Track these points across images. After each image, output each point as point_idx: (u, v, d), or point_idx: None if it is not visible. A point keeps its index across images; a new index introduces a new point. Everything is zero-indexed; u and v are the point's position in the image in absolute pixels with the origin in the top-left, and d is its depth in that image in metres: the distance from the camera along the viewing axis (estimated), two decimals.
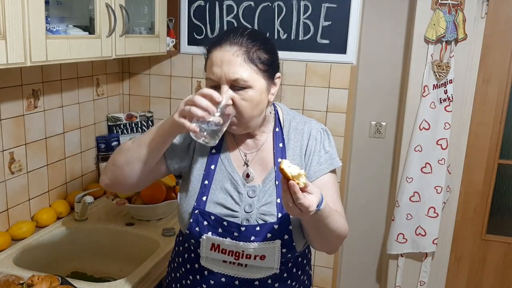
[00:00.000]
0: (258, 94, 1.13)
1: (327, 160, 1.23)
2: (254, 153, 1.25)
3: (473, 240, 2.44)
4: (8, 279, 1.36)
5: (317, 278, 2.40)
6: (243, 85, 1.10)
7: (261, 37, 1.16)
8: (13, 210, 1.71)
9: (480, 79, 2.24)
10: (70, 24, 1.59)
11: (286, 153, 1.23)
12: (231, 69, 1.10)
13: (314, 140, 1.24)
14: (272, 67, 1.16)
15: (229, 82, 1.10)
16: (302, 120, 1.28)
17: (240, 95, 1.11)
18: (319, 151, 1.24)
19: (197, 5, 2.23)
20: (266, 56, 1.14)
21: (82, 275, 1.75)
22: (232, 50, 1.11)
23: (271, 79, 1.17)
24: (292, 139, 1.25)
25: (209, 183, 1.22)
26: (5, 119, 1.64)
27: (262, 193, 1.21)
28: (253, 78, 1.11)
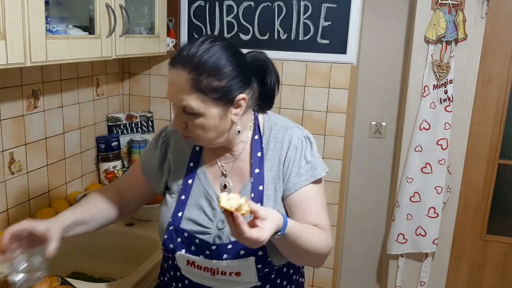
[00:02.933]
0: (211, 121, 1.06)
1: (308, 171, 1.16)
2: (231, 163, 1.19)
3: (473, 240, 2.44)
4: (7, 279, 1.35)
5: (317, 278, 2.40)
6: (192, 112, 1.05)
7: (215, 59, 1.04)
8: (13, 210, 1.71)
9: (480, 79, 2.24)
10: (70, 24, 1.59)
11: (264, 163, 1.16)
12: (178, 95, 1.04)
13: (294, 150, 1.16)
14: (227, 93, 1.05)
15: (180, 107, 1.06)
16: (284, 128, 1.19)
17: (191, 120, 1.06)
18: (299, 161, 1.16)
19: (197, 5, 2.23)
20: (218, 84, 1.03)
21: (82, 275, 1.75)
22: (181, 74, 1.03)
23: (229, 103, 1.07)
24: (271, 148, 1.17)
25: (185, 198, 1.18)
26: (5, 119, 1.63)
27: None
28: (202, 107, 1.04)
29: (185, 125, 1.08)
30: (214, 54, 1.04)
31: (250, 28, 2.20)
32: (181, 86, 1.03)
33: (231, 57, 1.06)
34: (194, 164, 1.20)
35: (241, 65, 1.08)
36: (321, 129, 2.23)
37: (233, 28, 2.22)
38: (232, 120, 1.09)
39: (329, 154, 2.25)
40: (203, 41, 1.05)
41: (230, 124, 1.10)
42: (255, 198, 1.14)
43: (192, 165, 1.20)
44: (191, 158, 1.21)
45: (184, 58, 1.04)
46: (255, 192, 1.14)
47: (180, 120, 1.08)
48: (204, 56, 1.03)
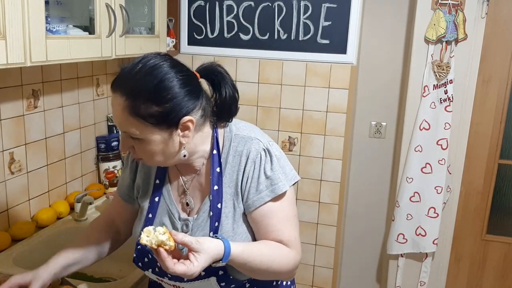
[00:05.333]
0: (155, 146, 1.02)
1: (267, 187, 1.08)
2: (192, 179, 1.15)
3: (473, 240, 2.44)
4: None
5: (317, 278, 2.40)
6: (135, 137, 1.01)
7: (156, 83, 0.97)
8: (13, 210, 1.71)
9: (480, 79, 2.24)
10: (70, 24, 1.59)
11: (223, 179, 1.10)
12: (119, 121, 1.01)
13: (253, 164, 1.09)
14: (169, 117, 0.99)
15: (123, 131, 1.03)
16: (243, 139, 1.11)
17: (136, 144, 1.03)
18: (258, 177, 1.08)
19: (197, 5, 2.23)
20: (157, 109, 0.97)
21: (82, 275, 1.75)
22: (119, 100, 0.98)
23: (173, 126, 1.01)
24: (230, 162, 1.10)
25: (152, 216, 1.16)
26: (5, 119, 1.63)
27: (195, 227, 1.12)
28: (144, 133, 1.00)
29: (133, 148, 1.05)
30: (155, 76, 0.98)
31: (250, 28, 2.20)
32: (120, 111, 0.99)
33: (174, 78, 0.99)
34: (160, 181, 1.18)
35: (186, 85, 1.01)
36: (321, 129, 2.23)
37: (233, 28, 2.22)
38: (180, 142, 1.04)
39: (329, 154, 2.25)
40: (145, 62, 1.00)
41: (179, 146, 1.05)
42: (213, 216, 1.10)
43: (158, 182, 1.17)
44: (156, 174, 1.18)
45: (122, 82, 0.99)
46: (214, 210, 1.10)
47: (126, 144, 1.05)
48: (143, 79, 0.98)
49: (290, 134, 2.29)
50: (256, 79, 2.26)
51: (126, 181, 1.25)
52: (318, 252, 2.38)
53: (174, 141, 1.03)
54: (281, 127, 2.29)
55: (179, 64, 1.04)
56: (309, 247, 2.39)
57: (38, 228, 1.77)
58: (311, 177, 2.30)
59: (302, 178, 2.32)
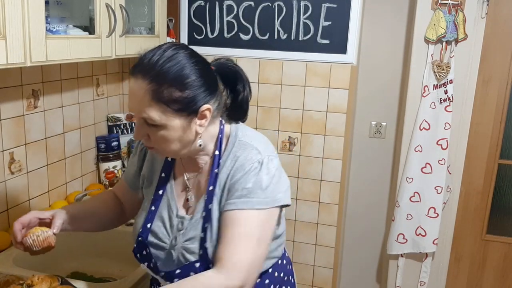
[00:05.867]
0: (173, 133, 1.02)
1: (240, 197, 1.04)
2: (194, 177, 1.16)
3: (473, 240, 2.44)
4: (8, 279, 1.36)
5: (317, 278, 2.41)
6: (153, 124, 1.01)
7: (178, 69, 0.99)
8: (13, 210, 1.71)
9: (480, 79, 2.24)
10: (70, 24, 1.59)
11: (217, 180, 1.09)
12: (137, 106, 1.00)
13: (242, 171, 1.06)
14: (190, 104, 1.01)
15: (140, 118, 1.02)
16: (244, 146, 1.10)
17: (152, 131, 1.02)
18: (238, 184, 1.05)
19: (197, 5, 2.23)
20: (180, 94, 0.99)
21: (82, 275, 1.75)
22: (141, 84, 0.98)
23: (193, 114, 1.02)
24: (226, 166, 1.09)
25: (155, 209, 1.17)
26: (5, 119, 1.64)
27: (189, 226, 1.11)
28: (164, 118, 1.00)
29: (147, 137, 1.04)
30: (177, 63, 1.00)
31: (250, 28, 2.20)
32: (141, 96, 0.99)
33: (194, 66, 1.02)
34: (166, 175, 1.18)
35: (205, 74, 1.03)
36: (321, 129, 2.23)
37: (233, 28, 2.22)
38: (197, 131, 1.05)
39: (329, 154, 2.25)
40: (166, 49, 1.01)
41: (195, 135, 1.06)
42: (205, 217, 1.09)
43: (164, 175, 1.18)
44: (163, 168, 1.18)
45: (144, 67, 0.99)
46: (206, 210, 1.09)
47: (141, 132, 1.04)
48: (166, 65, 0.99)
49: (290, 134, 2.29)
50: (256, 79, 2.26)
51: (133, 169, 1.26)
52: (318, 252, 2.38)
53: (192, 129, 1.04)
54: (281, 127, 2.29)
55: (197, 54, 1.07)
56: (309, 247, 2.39)
57: None
58: (311, 177, 2.30)
59: (302, 178, 2.32)
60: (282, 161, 2.30)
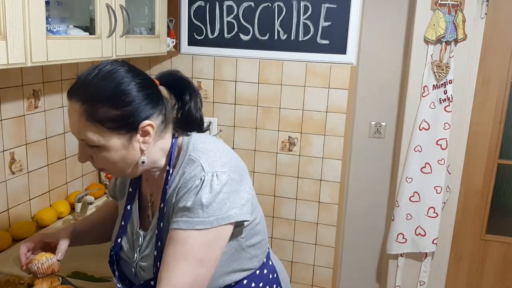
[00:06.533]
0: (114, 153, 0.99)
1: (182, 216, 0.98)
2: (155, 192, 1.13)
3: (473, 240, 2.44)
4: (8, 279, 1.36)
5: (317, 278, 2.41)
6: (93, 145, 0.98)
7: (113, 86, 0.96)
8: (13, 210, 1.72)
9: (480, 79, 2.25)
10: (70, 25, 1.59)
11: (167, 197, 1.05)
12: (75, 128, 0.98)
13: (185, 188, 1.00)
14: (128, 121, 0.97)
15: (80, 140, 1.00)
16: (190, 161, 1.03)
17: (95, 152, 1.00)
18: (180, 202, 1.00)
19: (197, 6, 2.24)
20: (115, 112, 0.95)
21: (82, 275, 1.75)
22: (75, 106, 0.96)
23: (133, 131, 0.98)
24: (175, 182, 1.04)
25: (124, 224, 1.16)
26: (6, 119, 1.64)
27: (145, 243, 1.10)
28: (102, 139, 0.97)
29: (91, 158, 1.02)
30: (112, 80, 0.96)
31: (250, 29, 2.20)
32: (77, 118, 0.96)
33: (131, 81, 0.98)
34: (133, 190, 1.17)
35: (144, 89, 0.99)
36: (321, 129, 2.24)
37: (233, 28, 2.22)
38: (141, 148, 1.01)
39: (329, 154, 2.25)
40: (102, 67, 0.98)
41: (140, 153, 1.02)
42: (158, 235, 1.06)
43: (131, 190, 1.17)
44: (130, 183, 1.18)
45: (78, 88, 0.97)
46: (158, 229, 1.06)
47: (84, 154, 1.02)
48: (100, 83, 0.96)
49: (290, 134, 2.29)
50: (256, 79, 2.27)
51: (113, 181, 1.28)
52: (318, 252, 2.38)
53: (134, 147, 1.00)
54: (281, 127, 2.29)
55: (136, 70, 1.02)
56: (309, 247, 2.39)
57: (39, 228, 1.77)
58: (311, 177, 2.31)
59: (302, 178, 2.32)
60: (282, 161, 2.31)
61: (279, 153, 2.32)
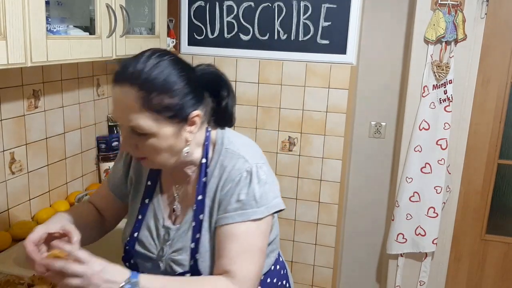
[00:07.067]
0: (163, 141, 0.98)
1: (236, 210, 1.02)
2: (182, 187, 1.13)
3: (473, 240, 2.44)
4: (8, 279, 1.36)
5: (317, 278, 2.41)
6: (143, 132, 0.97)
7: (166, 76, 0.96)
8: (13, 210, 1.72)
9: (480, 79, 2.25)
10: (70, 25, 1.59)
11: (207, 190, 1.07)
12: (125, 115, 0.96)
13: (231, 182, 1.04)
14: (181, 110, 0.98)
15: (127, 127, 0.98)
16: (231, 155, 1.07)
17: (142, 141, 0.98)
18: (231, 197, 1.03)
19: (197, 6, 2.24)
20: (170, 101, 0.96)
21: None
22: (128, 91, 0.94)
23: (183, 121, 1.00)
24: (215, 176, 1.07)
25: (142, 218, 1.15)
26: (6, 119, 1.64)
27: (176, 237, 1.10)
28: (154, 126, 0.96)
29: (135, 147, 1.00)
30: (163, 69, 0.97)
31: (250, 29, 2.20)
32: (129, 105, 0.95)
33: (181, 72, 0.99)
34: (152, 183, 1.16)
35: (193, 80, 1.01)
36: (321, 129, 2.24)
37: (233, 28, 2.23)
38: (186, 138, 1.02)
39: (329, 154, 2.25)
40: (149, 56, 0.98)
41: (185, 143, 1.03)
42: (195, 227, 1.07)
43: (150, 183, 1.16)
44: (149, 176, 1.16)
45: (131, 75, 0.95)
46: (196, 220, 1.07)
47: (129, 142, 1.00)
48: (153, 72, 0.95)
49: (290, 134, 2.29)
50: (256, 79, 2.27)
51: (119, 175, 1.23)
52: (318, 251, 2.38)
53: (182, 137, 1.01)
54: (281, 127, 2.29)
55: (182, 61, 1.04)
56: (309, 247, 2.40)
57: None
58: (311, 177, 2.31)
59: (302, 178, 2.33)
60: (282, 161, 2.31)
61: (279, 153, 2.32)
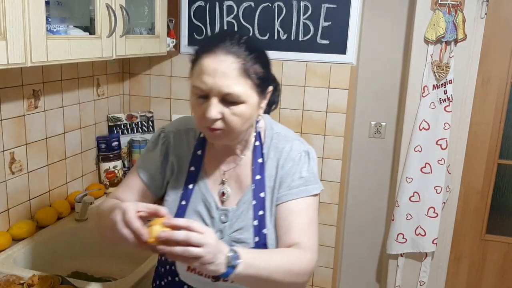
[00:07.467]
0: (250, 110, 1.04)
1: (299, 186, 1.12)
2: (231, 170, 1.17)
3: (473, 240, 2.44)
4: (8, 279, 1.36)
5: (317, 278, 2.41)
6: (235, 100, 1.01)
7: (258, 49, 1.06)
8: (13, 210, 1.72)
9: (480, 79, 2.25)
10: (70, 25, 1.59)
11: (264, 170, 1.14)
12: (225, 82, 1.00)
13: (292, 162, 1.14)
14: (266, 83, 1.08)
15: (220, 95, 1.01)
16: (285, 138, 1.17)
17: (230, 109, 1.02)
18: (293, 175, 1.13)
19: (197, 6, 2.24)
20: (262, 70, 1.05)
21: (82, 275, 1.76)
22: (228, 60, 1.00)
23: (264, 93, 1.09)
24: (271, 157, 1.15)
25: (185, 203, 1.16)
26: (6, 119, 1.64)
27: (235, 218, 1.13)
28: (247, 94, 1.02)
29: (221, 115, 1.03)
30: (257, 43, 1.07)
31: (250, 29, 2.20)
32: (228, 72, 1.00)
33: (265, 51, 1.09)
34: (195, 168, 1.17)
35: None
36: (321, 129, 2.24)
37: (233, 28, 2.22)
38: (259, 113, 1.10)
39: (329, 154, 2.25)
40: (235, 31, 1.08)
41: (256, 117, 1.11)
42: (257, 205, 1.12)
43: (193, 169, 1.17)
44: (191, 161, 1.18)
45: (230, 45, 1.02)
46: (257, 199, 1.13)
47: (217, 110, 1.02)
48: (253, 44, 1.05)
49: None
50: None
51: (155, 162, 1.20)
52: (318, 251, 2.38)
53: (259, 110, 1.09)
54: None
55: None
56: None
57: (39, 228, 1.77)
58: None
59: None
60: None
61: None
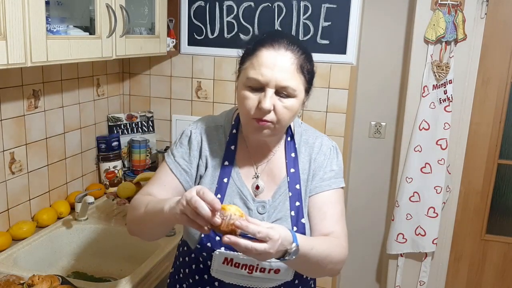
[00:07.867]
0: (298, 104, 1.11)
1: (331, 178, 1.21)
2: (264, 164, 1.22)
3: (473, 240, 2.44)
4: (8, 279, 1.36)
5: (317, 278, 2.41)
6: (289, 93, 1.08)
7: (308, 50, 1.14)
8: (13, 210, 1.72)
9: (480, 79, 2.25)
10: (70, 25, 1.59)
11: (297, 163, 1.21)
12: (284, 76, 1.07)
13: (323, 155, 1.23)
14: (312, 79, 1.16)
15: (276, 88, 1.07)
16: (314, 134, 1.26)
17: (283, 102, 1.08)
18: (325, 167, 1.21)
19: (197, 6, 2.24)
20: (312, 69, 1.15)
21: (82, 275, 1.76)
22: (288, 56, 1.08)
23: (309, 91, 1.16)
24: (302, 152, 1.23)
25: (221, 197, 1.18)
26: (6, 119, 1.64)
27: (272, 209, 1.18)
28: (299, 89, 1.10)
29: (273, 107, 1.08)
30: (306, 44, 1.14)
31: (250, 29, 2.20)
32: (287, 67, 1.07)
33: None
34: (229, 163, 1.20)
35: None
36: (321, 129, 2.23)
37: (233, 28, 2.22)
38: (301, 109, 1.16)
39: None
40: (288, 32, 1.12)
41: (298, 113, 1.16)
42: (293, 196, 1.18)
43: (227, 163, 1.20)
44: (225, 156, 1.21)
45: (289, 43, 1.09)
46: (293, 191, 1.18)
47: (272, 101, 1.08)
48: (302, 44, 1.12)
49: None
50: None
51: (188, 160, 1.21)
52: None
53: (302, 106, 1.16)
54: None
55: None
56: None
57: (39, 228, 1.77)
58: None
59: None
60: None
61: None
